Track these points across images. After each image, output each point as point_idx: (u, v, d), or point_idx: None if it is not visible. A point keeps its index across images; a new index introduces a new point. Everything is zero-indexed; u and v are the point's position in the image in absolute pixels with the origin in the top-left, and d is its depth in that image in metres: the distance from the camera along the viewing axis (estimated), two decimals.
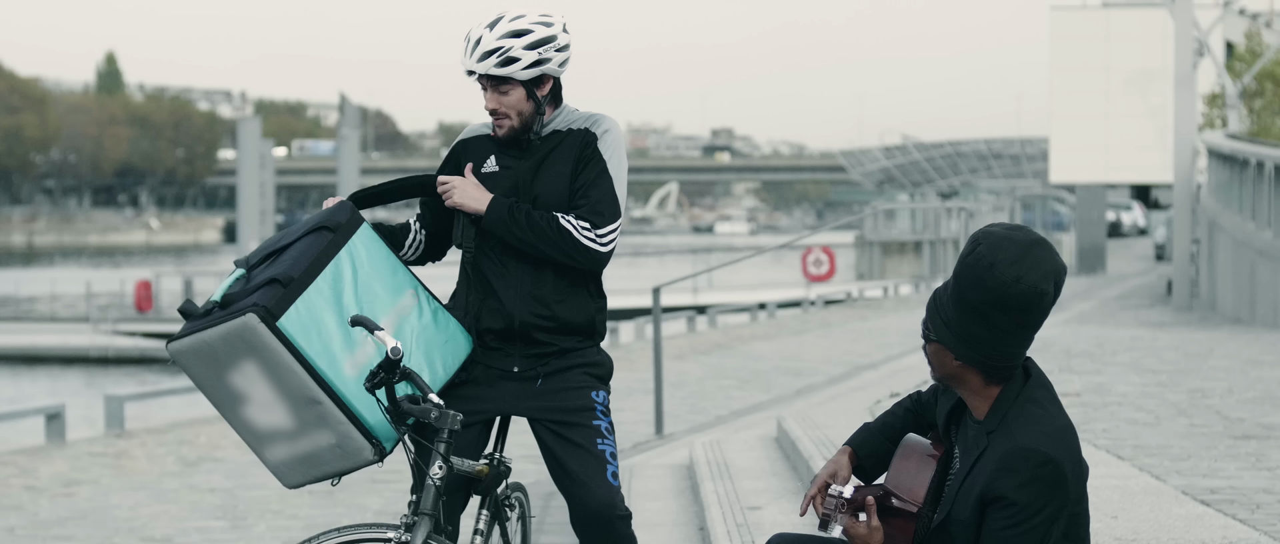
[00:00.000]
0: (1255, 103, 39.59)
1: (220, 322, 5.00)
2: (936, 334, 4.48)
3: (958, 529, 4.42)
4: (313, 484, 5.32)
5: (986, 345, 4.40)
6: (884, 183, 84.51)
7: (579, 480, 5.35)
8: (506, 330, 5.42)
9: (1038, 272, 4.34)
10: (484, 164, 5.50)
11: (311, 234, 5.23)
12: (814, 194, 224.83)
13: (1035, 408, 4.43)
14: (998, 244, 4.35)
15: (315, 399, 5.02)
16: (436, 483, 5.05)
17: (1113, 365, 14.96)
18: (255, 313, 4.94)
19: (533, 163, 5.46)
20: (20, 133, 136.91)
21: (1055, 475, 4.33)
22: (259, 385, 5.04)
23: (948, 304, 4.45)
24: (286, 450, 5.16)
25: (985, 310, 4.36)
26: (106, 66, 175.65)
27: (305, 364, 4.99)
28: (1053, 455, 4.34)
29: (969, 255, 4.38)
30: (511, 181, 5.46)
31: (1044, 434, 4.37)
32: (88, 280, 50.10)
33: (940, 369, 4.51)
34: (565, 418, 5.37)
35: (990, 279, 4.33)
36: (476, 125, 5.63)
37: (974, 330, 4.39)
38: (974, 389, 4.48)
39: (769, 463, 10.42)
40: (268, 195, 48.31)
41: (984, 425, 4.45)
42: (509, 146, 5.49)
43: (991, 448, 4.40)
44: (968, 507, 4.41)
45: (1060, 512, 4.35)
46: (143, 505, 11.82)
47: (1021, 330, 4.40)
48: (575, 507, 5.39)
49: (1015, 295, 4.32)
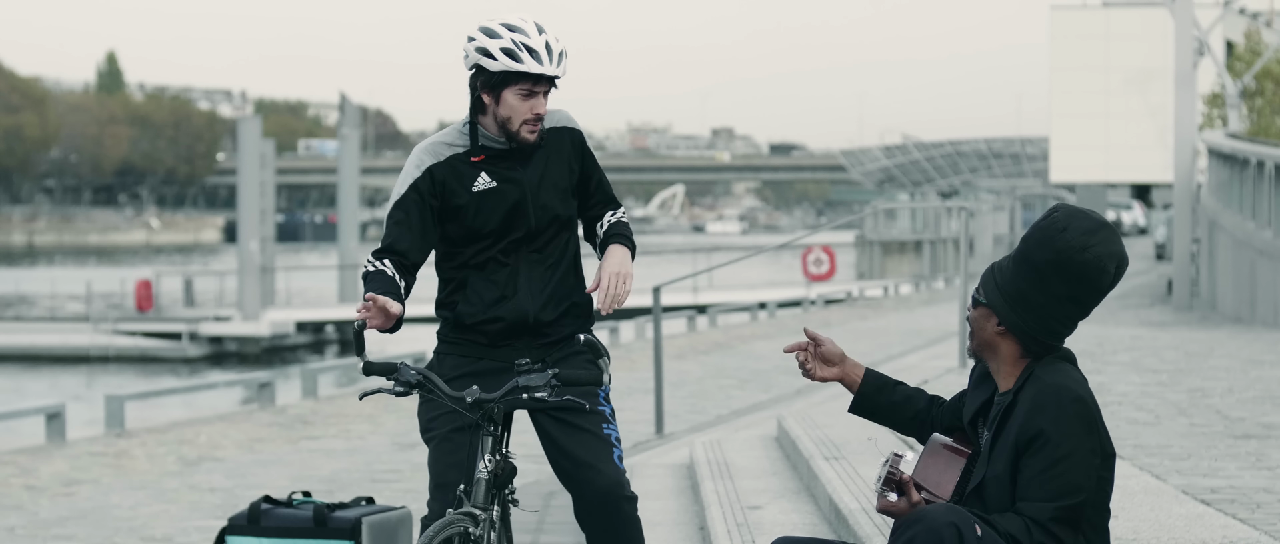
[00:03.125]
0: (1255, 102, 39.60)
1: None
2: (986, 297, 4.57)
3: (993, 487, 4.48)
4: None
5: (1033, 312, 4.49)
6: (884, 182, 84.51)
7: (586, 464, 5.40)
8: (519, 325, 5.48)
9: (1106, 247, 4.46)
10: (474, 182, 5.47)
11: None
12: (814, 194, 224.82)
13: (1062, 365, 4.56)
14: (1074, 213, 4.50)
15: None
16: (485, 476, 5.10)
17: (1113, 365, 14.96)
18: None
19: (535, 172, 5.49)
20: (20, 132, 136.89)
21: (1087, 414, 4.44)
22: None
23: (1007, 266, 4.56)
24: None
25: (1046, 272, 4.46)
26: (107, 66, 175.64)
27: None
28: (1082, 395, 4.46)
29: (1044, 221, 4.51)
30: (518, 193, 5.47)
31: (1074, 381, 4.51)
32: (88, 280, 50.11)
33: (980, 334, 4.60)
34: (569, 405, 5.41)
35: (1060, 241, 4.45)
36: (430, 144, 5.55)
37: (1026, 293, 4.49)
38: (1006, 360, 4.57)
39: (769, 462, 10.42)
40: (268, 195, 48.24)
41: (1011, 391, 4.55)
42: (499, 159, 5.48)
43: (1020, 402, 4.48)
44: (1002, 460, 4.47)
45: (1093, 454, 4.41)
46: (143, 505, 11.82)
47: (1072, 304, 4.50)
48: (583, 491, 5.42)
49: (1079, 263, 4.44)
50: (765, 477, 9.78)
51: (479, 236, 5.49)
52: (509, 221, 5.48)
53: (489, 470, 5.11)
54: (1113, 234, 4.49)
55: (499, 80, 5.37)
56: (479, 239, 5.49)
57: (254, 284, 46.21)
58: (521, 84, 5.36)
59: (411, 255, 5.44)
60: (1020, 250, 4.53)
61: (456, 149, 5.49)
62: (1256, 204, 25.58)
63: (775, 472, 9.99)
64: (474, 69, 5.42)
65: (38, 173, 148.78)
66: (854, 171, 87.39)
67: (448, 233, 5.51)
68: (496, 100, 5.40)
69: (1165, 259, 48.23)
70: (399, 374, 5.15)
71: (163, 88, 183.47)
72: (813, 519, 8.28)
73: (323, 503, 6.07)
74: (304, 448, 14.99)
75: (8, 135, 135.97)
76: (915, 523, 4.35)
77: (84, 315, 47.25)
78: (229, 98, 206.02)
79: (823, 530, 7.90)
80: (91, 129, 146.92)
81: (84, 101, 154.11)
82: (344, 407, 18.50)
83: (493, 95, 5.40)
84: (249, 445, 15.27)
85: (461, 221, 5.49)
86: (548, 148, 5.52)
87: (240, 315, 46.17)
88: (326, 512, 6.01)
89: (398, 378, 5.14)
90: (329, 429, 16.37)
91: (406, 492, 11.68)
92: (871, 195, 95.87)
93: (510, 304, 5.49)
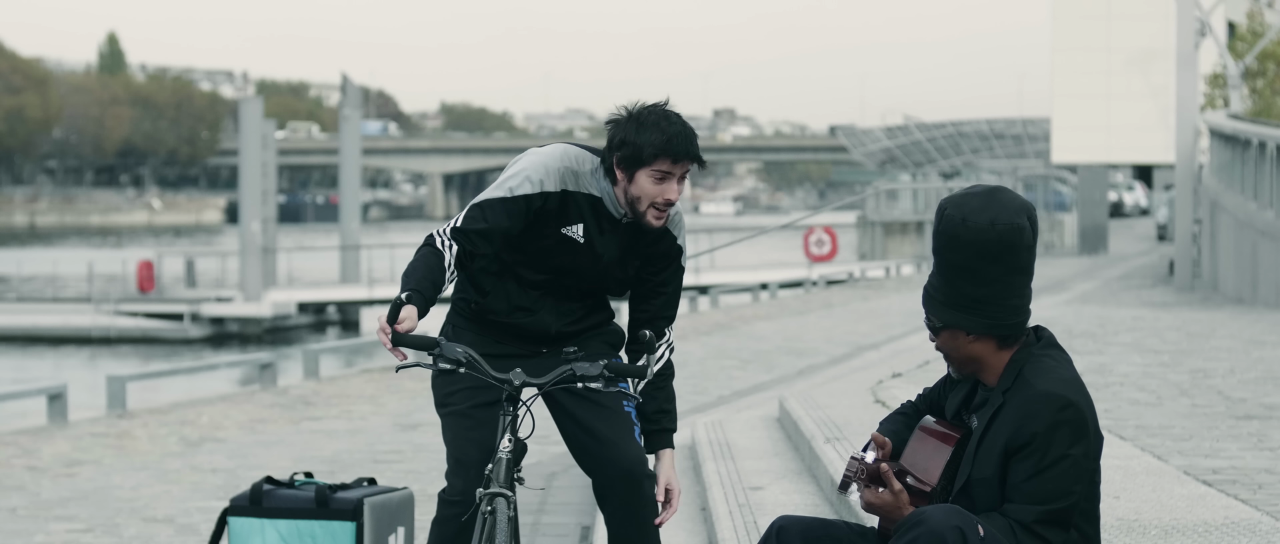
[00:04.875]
0: (1257, 83, 39.52)
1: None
2: (941, 319, 4.51)
3: (981, 489, 4.43)
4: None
5: (989, 305, 4.43)
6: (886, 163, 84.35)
7: (609, 441, 5.40)
8: (539, 337, 5.48)
9: (1008, 210, 4.40)
10: (572, 226, 5.35)
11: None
12: (816, 174, 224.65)
13: (1048, 360, 4.48)
14: (961, 201, 4.44)
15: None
16: (507, 456, 5.09)
17: (1115, 345, 14.96)
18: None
19: (615, 248, 5.40)
20: (22, 113, 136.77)
21: (1077, 419, 4.38)
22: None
23: (939, 284, 4.49)
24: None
25: (974, 266, 4.40)
26: (108, 47, 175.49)
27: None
28: (1073, 399, 4.39)
29: (940, 224, 4.45)
30: (590, 261, 5.39)
31: (1061, 380, 4.42)
32: (90, 260, 50.09)
33: (957, 355, 4.53)
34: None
35: (966, 233, 4.39)
36: (578, 169, 5.35)
37: (972, 294, 4.43)
38: (990, 364, 4.51)
39: (771, 443, 10.43)
40: (269, 176, 48.23)
41: (1000, 386, 4.48)
42: (604, 217, 5.36)
43: (1009, 403, 4.43)
44: (990, 464, 4.43)
45: (1084, 458, 4.37)
46: (145, 485, 11.82)
47: (1014, 277, 4.43)
48: (606, 468, 5.41)
49: (994, 239, 4.38)
50: (767, 457, 9.79)
51: (534, 265, 5.42)
52: (566, 271, 5.42)
53: (509, 450, 5.11)
54: (1005, 194, 4.43)
55: (637, 162, 5.26)
56: (533, 266, 5.42)
57: (256, 265, 46.21)
58: (659, 165, 5.25)
59: (477, 249, 5.31)
60: (941, 262, 4.46)
61: (592, 189, 5.36)
62: (1258, 185, 25.56)
63: (777, 452, 9.99)
64: (618, 142, 5.27)
65: (39, 154, 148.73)
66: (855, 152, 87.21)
67: (512, 242, 5.38)
68: (630, 179, 5.29)
69: (1167, 240, 48.24)
70: (442, 350, 5.07)
71: (164, 68, 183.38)
72: (814, 500, 8.28)
73: (325, 484, 6.08)
74: (306, 429, 15.00)
75: (9, 116, 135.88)
76: (917, 525, 4.32)
77: (86, 296, 47.25)
78: (231, 78, 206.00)
79: (824, 511, 7.91)
80: (93, 110, 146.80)
81: (86, 82, 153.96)
82: (345, 387, 18.50)
83: (626, 173, 5.28)
84: (251, 426, 15.27)
85: (528, 247, 5.39)
86: (643, 237, 5.43)
87: (242, 296, 46.18)
88: (328, 492, 6.02)
89: (441, 354, 5.08)
90: (331, 410, 16.38)
91: (408, 472, 11.69)
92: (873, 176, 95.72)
93: (533, 318, 5.47)
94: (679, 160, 5.22)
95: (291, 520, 6.00)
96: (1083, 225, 52.81)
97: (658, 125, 5.21)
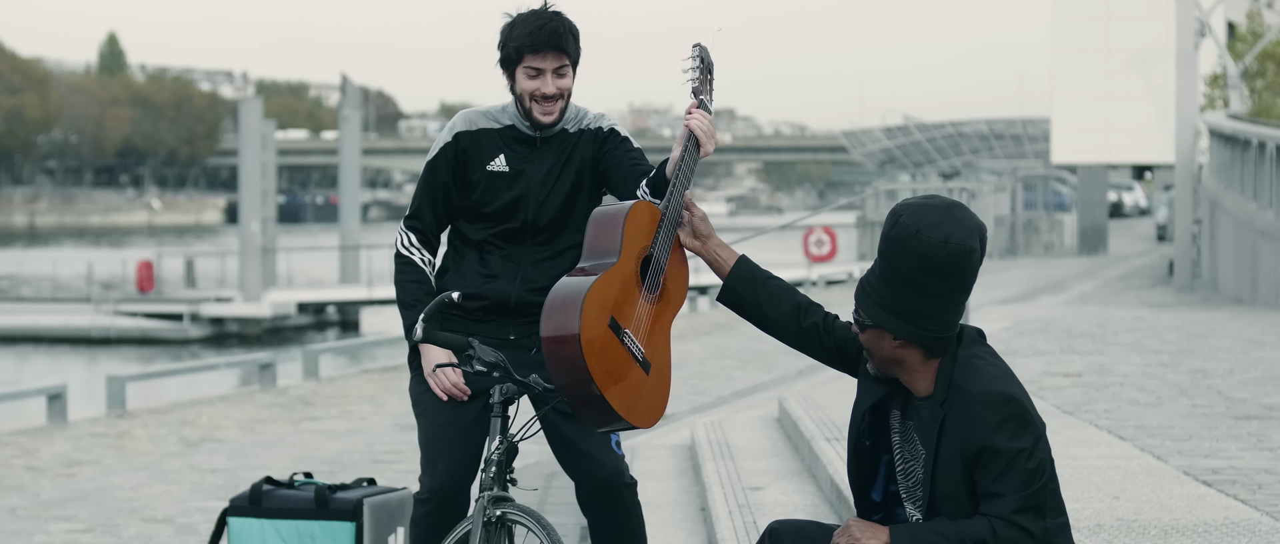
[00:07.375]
0: (1257, 83, 39.55)
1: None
2: (872, 319, 4.47)
3: (948, 506, 4.42)
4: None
5: (924, 317, 4.40)
6: (886, 163, 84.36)
7: (586, 453, 5.42)
8: (500, 306, 5.47)
9: (963, 230, 4.37)
10: (493, 161, 5.46)
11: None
12: (816, 174, 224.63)
13: (977, 361, 4.46)
14: (919, 211, 4.39)
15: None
16: (498, 458, 5.12)
17: (1114, 346, 14.95)
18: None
19: (541, 166, 5.46)
20: (22, 113, 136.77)
21: (1019, 411, 4.37)
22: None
23: (878, 285, 4.46)
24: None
25: (919, 278, 4.38)
26: (108, 47, 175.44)
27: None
28: (1011, 393, 4.39)
29: (892, 229, 4.40)
30: (523, 185, 5.44)
31: (992, 378, 4.41)
32: (89, 261, 50.09)
33: (879, 354, 4.50)
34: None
35: (918, 245, 4.35)
36: (471, 114, 5.55)
37: (910, 303, 4.40)
38: (914, 368, 4.48)
39: (770, 443, 10.43)
40: (269, 176, 48.22)
41: (934, 398, 4.45)
42: (520, 144, 5.46)
43: (950, 414, 4.41)
44: (952, 479, 4.41)
45: (1037, 443, 4.37)
46: (144, 486, 11.82)
47: (955, 294, 4.41)
48: (583, 480, 5.44)
49: (945, 256, 4.35)
50: (767, 458, 9.79)
51: (481, 217, 5.48)
52: (509, 209, 5.46)
53: (500, 452, 5.12)
54: (962, 212, 4.40)
55: (514, 61, 5.38)
56: (481, 219, 5.49)
57: (255, 265, 46.19)
58: (529, 61, 5.34)
59: (431, 227, 5.50)
60: (886, 264, 4.42)
61: (491, 123, 5.49)
62: (1258, 185, 25.57)
63: (777, 453, 9.99)
64: (498, 47, 5.44)
65: (39, 154, 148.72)
66: (855, 152, 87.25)
67: (457, 205, 5.51)
68: (513, 79, 5.42)
69: (1166, 240, 48.23)
70: (475, 353, 5.10)
71: (164, 69, 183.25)
72: (814, 500, 8.28)
73: (324, 484, 6.08)
74: (305, 429, 15.00)
75: (9, 116, 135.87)
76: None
77: (85, 296, 47.24)
78: (230, 79, 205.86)
79: (824, 511, 7.91)
80: (93, 110, 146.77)
81: (85, 83, 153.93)
82: (345, 387, 18.50)
83: (509, 75, 5.42)
84: (250, 426, 15.28)
85: (468, 197, 5.48)
86: (573, 146, 5.49)
87: (241, 296, 46.16)
88: (328, 493, 6.03)
89: (473, 356, 5.10)
90: (330, 410, 16.38)
91: (408, 473, 11.68)
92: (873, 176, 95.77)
93: (494, 285, 5.49)
94: (542, 51, 5.31)
95: (291, 521, 6.00)
96: (1082, 225, 52.82)
97: (526, 21, 5.34)
